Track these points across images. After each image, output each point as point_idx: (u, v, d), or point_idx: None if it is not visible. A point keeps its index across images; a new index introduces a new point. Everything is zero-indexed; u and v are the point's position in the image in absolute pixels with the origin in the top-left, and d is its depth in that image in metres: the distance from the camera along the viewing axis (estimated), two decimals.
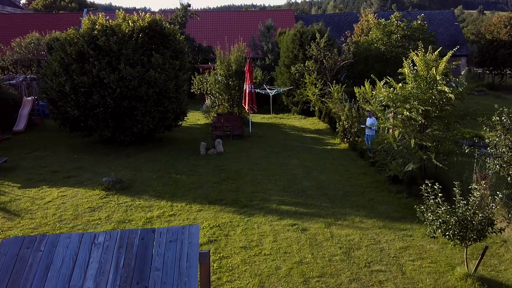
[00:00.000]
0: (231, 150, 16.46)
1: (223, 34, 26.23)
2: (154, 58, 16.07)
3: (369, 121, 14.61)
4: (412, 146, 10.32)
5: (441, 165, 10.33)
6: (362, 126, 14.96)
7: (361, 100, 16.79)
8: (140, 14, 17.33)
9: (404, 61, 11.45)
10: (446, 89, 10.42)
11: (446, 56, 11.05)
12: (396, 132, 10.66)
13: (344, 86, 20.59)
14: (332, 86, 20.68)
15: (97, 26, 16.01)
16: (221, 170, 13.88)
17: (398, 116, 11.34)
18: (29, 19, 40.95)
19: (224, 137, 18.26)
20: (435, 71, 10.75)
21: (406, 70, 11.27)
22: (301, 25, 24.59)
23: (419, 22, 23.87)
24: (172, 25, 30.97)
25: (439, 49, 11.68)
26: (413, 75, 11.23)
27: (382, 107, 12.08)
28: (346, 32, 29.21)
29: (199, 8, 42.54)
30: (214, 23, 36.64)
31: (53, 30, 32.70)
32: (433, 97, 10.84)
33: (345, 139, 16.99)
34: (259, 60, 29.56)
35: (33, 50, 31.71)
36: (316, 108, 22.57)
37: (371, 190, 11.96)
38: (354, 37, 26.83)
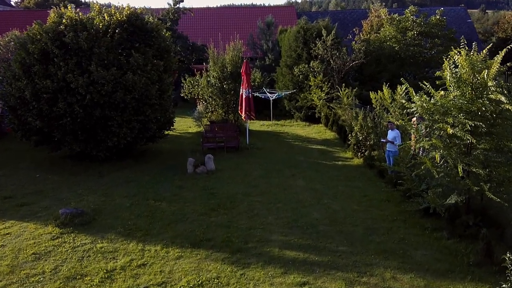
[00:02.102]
0: (225, 167, 13.90)
1: (219, 32, 23.70)
2: (133, 58, 13.55)
3: (391, 134, 12.05)
4: (460, 174, 7.77)
5: (497, 199, 7.78)
6: (382, 140, 12.40)
7: (378, 108, 14.25)
8: (119, 7, 14.80)
9: (445, 61, 8.89)
10: (503, 98, 7.87)
11: (499, 55, 8.50)
12: (437, 156, 8.10)
13: (355, 90, 18.03)
14: (341, 90, 18.14)
15: (64, 20, 13.47)
16: (211, 195, 11.33)
17: (435, 133, 8.78)
18: (17, 16, 38.39)
19: (217, 149, 15.74)
20: (486, 75, 8.20)
21: (447, 74, 8.71)
22: (305, 21, 22.04)
23: (437, 17, 21.31)
24: (163, 22, 28.53)
25: (490, 45, 9.13)
26: (455, 80, 8.69)
27: (406, 117, 9.56)
28: (354, 29, 26.64)
29: (198, 7, 39.72)
30: (209, 20, 34.08)
31: None
32: (484, 109, 8.29)
33: (359, 153, 14.44)
34: (258, 60, 27.01)
35: (12, 49, 29.14)
36: (322, 114, 20.03)
37: (399, 225, 9.40)
38: (363, 34, 24.33)
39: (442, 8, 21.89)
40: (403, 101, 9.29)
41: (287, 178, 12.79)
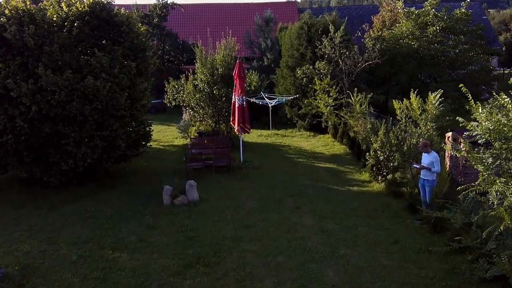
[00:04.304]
0: (211, 195, 11.07)
1: (212, 30, 20.83)
2: (96, 58, 10.74)
3: (426, 158, 9.17)
4: None
5: None
6: (415, 166, 9.52)
7: (403, 120, 11.42)
8: None
9: None
10: None
11: None
12: None
13: (369, 95, 15.22)
14: (353, 95, 15.31)
15: (7, 11, 10.65)
16: (189, 241, 8.50)
17: (509, 166, 5.93)
18: None
19: (205, 168, 12.92)
20: None
21: None
22: (309, 16, 19.20)
23: (462, 10, 18.49)
24: (150, 18, 25.73)
25: None
26: None
27: (467, 141, 6.69)
28: (364, 26, 23.81)
29: (191, 4, 36.84)
30: (202, 17, 31.22)
31: None
32: None
33: (379, 177, 11.61)
34: (256, 61, 24.18)
35: None
36: (330, 123, 17.20)
37: None
38: (373, 31, 21.55)
39: (468, 0, 19.01)
40: (460, 119, 6.40)
41: (290, 212, 9.94)
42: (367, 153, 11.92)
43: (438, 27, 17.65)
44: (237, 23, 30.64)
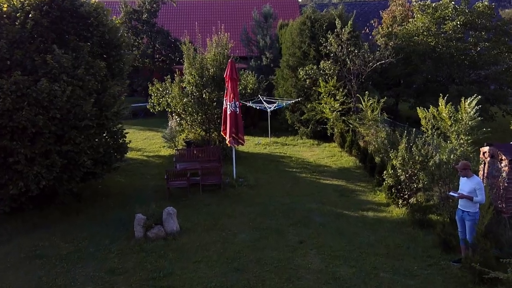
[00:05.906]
0: (195, 224, 9.07)
1: (209, 26, 18.69)
2: (54, 56, 8.78)
3: (466, 184, 7.11)
4: None
5: None
6: (452, 194, 7.46)
7: (429, 131, 9.42)
8: None
9: None
10: None
11: None
12: None
13: (382, 100, 13.24)
14: (364, 100, 13.34)
15: None
16: None
17: None
18: None
19: (192, 187, 10.93)
20: None
21: None
22: (312, 9, 17.16)
23: (485, 3, 16.44)
24: (139, 13, 23.73)
25: None
26: None
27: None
28: (372, 22, 21.79)
29: None
30: (197, 12, 29.20)
31: None
32: None
33: (400, 200, 9.60)
34: (253, 60, 22.15)
35: None
36: (336, 131, 15.18)
37: None
38: (382, 28, 19.56)
39: None
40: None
41: (292, 249, 7.94)
42: (384, 171, 9.90)
43: (458, 22, 15.62)
44: (234, 19, 28.67)
